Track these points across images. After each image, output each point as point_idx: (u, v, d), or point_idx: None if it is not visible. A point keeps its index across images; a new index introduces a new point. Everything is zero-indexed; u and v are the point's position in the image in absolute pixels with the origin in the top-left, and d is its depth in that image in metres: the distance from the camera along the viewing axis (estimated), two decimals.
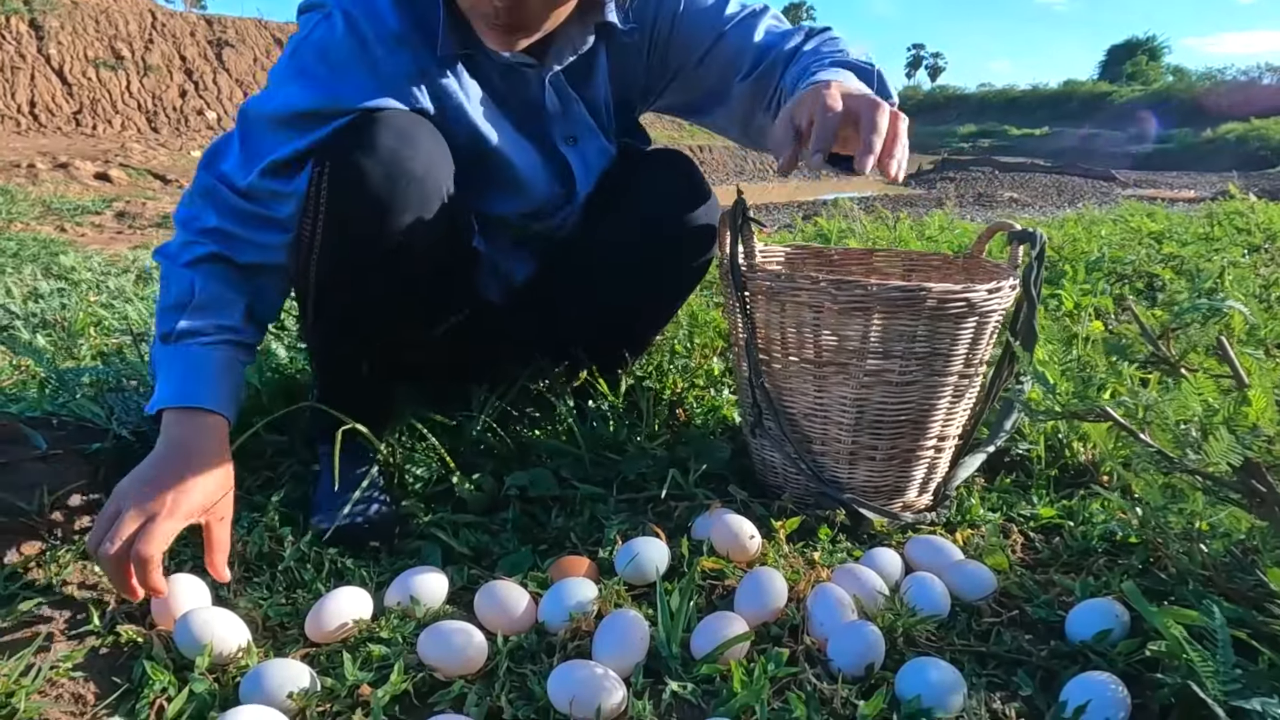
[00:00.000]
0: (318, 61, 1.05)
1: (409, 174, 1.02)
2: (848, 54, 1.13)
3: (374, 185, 1.00)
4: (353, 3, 1.06)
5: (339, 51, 1.04)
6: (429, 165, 1.05)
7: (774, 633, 0.92)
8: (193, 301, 1.03)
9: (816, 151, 0.90)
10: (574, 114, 1.21)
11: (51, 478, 1.10)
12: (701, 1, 1.21)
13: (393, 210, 1.02)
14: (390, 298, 1.11)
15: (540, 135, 1.21)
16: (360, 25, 1.04)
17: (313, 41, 1.05)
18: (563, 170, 1.24)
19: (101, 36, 14.85)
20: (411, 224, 1.04)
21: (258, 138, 1.05)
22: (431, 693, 0.83)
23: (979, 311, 1.12)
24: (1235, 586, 0.91)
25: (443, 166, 1.07)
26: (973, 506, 1.22)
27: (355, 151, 1.00)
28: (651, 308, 1.44)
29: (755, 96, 1.21)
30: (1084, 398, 0.89)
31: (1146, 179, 19.05)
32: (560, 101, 1.20)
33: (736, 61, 1.20)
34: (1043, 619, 0.96)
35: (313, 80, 1.04)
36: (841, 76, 1.00)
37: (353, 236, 1.04)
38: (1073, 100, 43.49)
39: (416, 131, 1.04)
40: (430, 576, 0.97)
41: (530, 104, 1.19)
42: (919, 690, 0.79)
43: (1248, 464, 0.79)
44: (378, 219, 1.02)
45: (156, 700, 0.80)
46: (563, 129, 1.22)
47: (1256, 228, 3.47)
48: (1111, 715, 0.76)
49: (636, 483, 1.26)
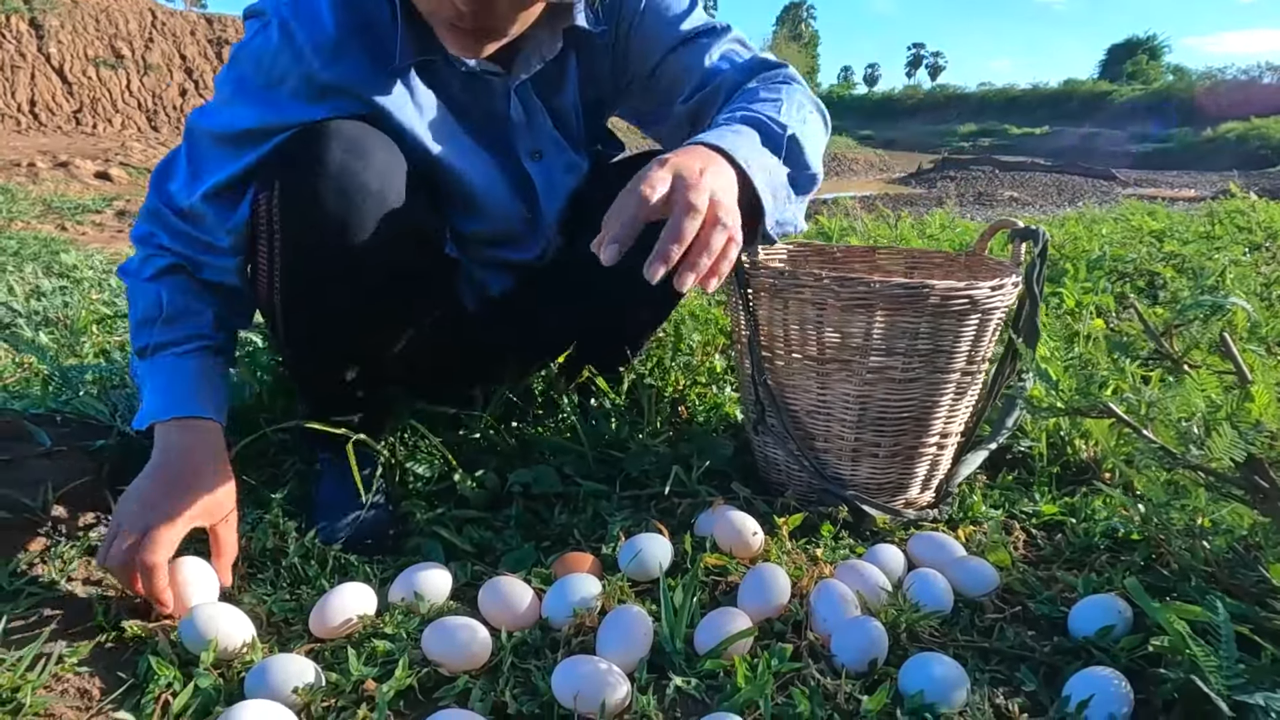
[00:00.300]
0: (254, 72, 1.01)
1: (363, 188, 0.97)
2: (780, 105, 1.03)
3: (327, 203, 0.96)
4: (291, 10, 0.99)
5: (274, 63, 0.99)
6: (384, 175, 0.99)
7: (777, 629, 0.93)
8: (161, 315, 1.03)
9: (611, 243, 0.78)
10: (540, 127, 1.15)
11: (55, 474, 1.10)
12: (664, 8, 1.14)
13: (350, 227, 0.97)
14: (359, 312, 1.06)
15: (503, 149, 1.15)
16: (296, 35, 0.98)
17: (250, 51, 1.01)
18: (525, 186, 1.18)
19: (101, 35, 14.85)
20: (372, 238, 0.99)
21: (201, 156, 1.03)
22: (436, 688, 0.84)
23: (982, 309, 1.12)
24: (1238, 582, 0.91)
25: (399, 175, 1.02)
26: (975, 503, 1.22)
27: (304, 169, 0.96)
28: (635, 322, 1.41)
29: (693, 124, 1.14)
30: (1086, 394, 0.89)
31: (1147, 178, 19.05)
32: (526, 113, 1.13)
33: (682, 81, 1.14)
34: (1045, 615, 0.96)
35: (250, 94, 1.01)
36: (729, 142, 0.90)
37: (312, 257, 1.00)
38: (1073, 99, 43.48)
39: (367, 141, 0.99)
40: (434, 572, 0.98)
41: (493, 115, 1.12)
42: (922, 685, 0.79)
43: (1250, 460, 0.79)
44: (336, 236, 0.97)
45: (162, 695, 0.80)
46: (527, 143, 1.15)
47: (1257, 226, 3.47)
48: (1114, 710, 0.77)
49: (639, 480, 1.27)
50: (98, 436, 1.18)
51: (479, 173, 1.13)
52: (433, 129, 1.07)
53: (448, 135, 1.09)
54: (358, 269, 1.00)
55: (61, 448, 1.15)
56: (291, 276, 1.01)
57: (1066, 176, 17.63)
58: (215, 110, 1.03)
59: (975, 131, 39.38)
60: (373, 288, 1.04)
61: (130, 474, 1.10)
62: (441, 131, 1.08)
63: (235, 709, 0.73)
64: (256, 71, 1.00)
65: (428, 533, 1.11)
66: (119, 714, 0.78)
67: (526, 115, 1.13)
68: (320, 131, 0.97)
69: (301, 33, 0.97)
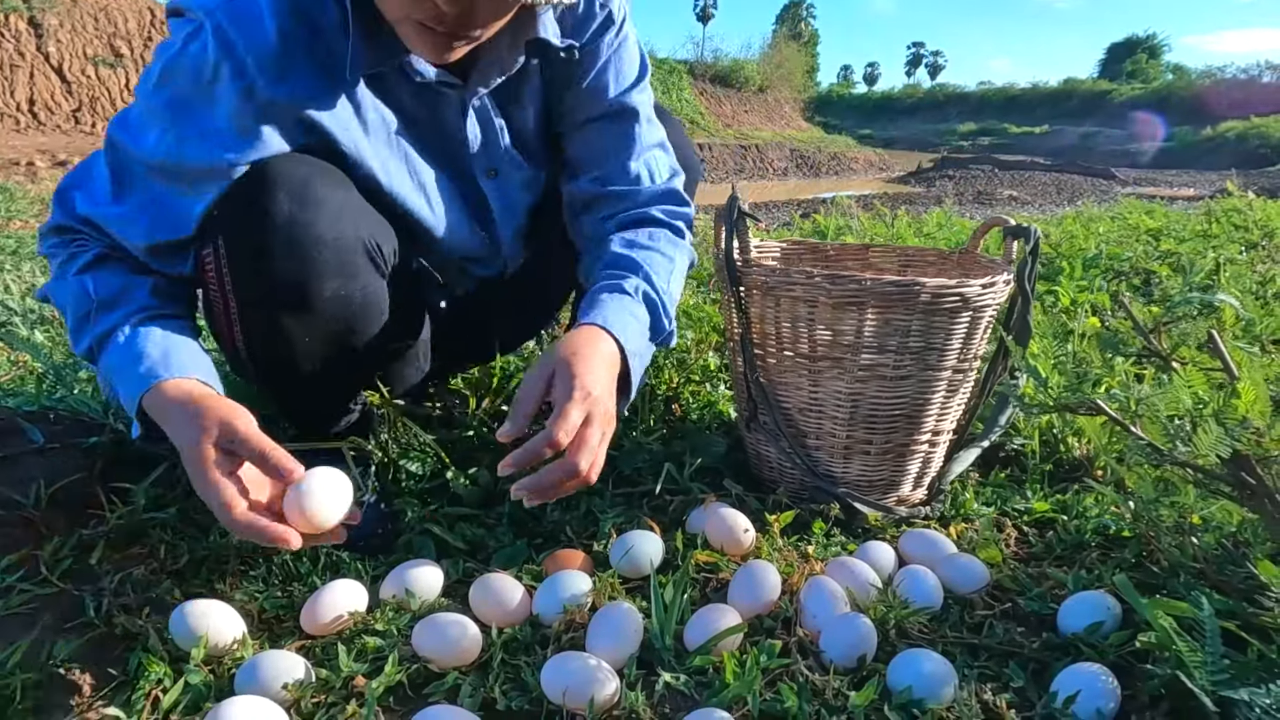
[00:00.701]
0: (190, 89, 0.88)
1: (317, 240, 0.91)
2: (671, 272, 1.08)
3: (280, 261, 0.90)
4: (227, 15, 0.86)
5: (213, 77, 0.87)
6: (336, 219, 0.93)
7: (767, 625, 0.93)
8: (94, 304, 0.91)
9: (522, 489, 0.84)
10: (496, 144, 1.08)
11: (48, 471, 1.10)
12: (622, 66, 1.11)
13: (308, 280, 0.92)
14: (325, 351, 1.00)
15: (456, 167, 1.08)
16: (235, 48, 0.86)
17: (185, 64, 0.88)
18: (480, 206, 1.12)
19: (100, 34, 14.83)
20: (331, 283, 0.94)
21: (131, 183, 0.93)
22: (426, 684, 0.84)
23: (973, 306, 1.13)
24: (1226, 579, 0.92)
25: (352, 211, 0.96)
26: (967, 501, 1.22)
27: (251, 226, 0.90)
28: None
29: (586, 206, 1.14)
30: (1076, 391, 0.89)
31: (1146, 177, 19.04)
32: (482, 129, 1.06)
33: (598, 159, 1.12)
34: (1035, 611, 0.96)
35: (184, 118, 0.89)
36: (629, 338, 0.97)
37: (272, 311, 0.95)
38: (1072, 98, 43.46)
39: (314, 183, 0.92)
40: (425, 570, 0.98)
41: (446, 131, 1.05)
42: (910, 681, 0.80)
43: (1237, 457, 0.79)
44: (293, 292, 0.92)
45: (152, 691, 0.80)
46: (482, 161, 1.08)
47: (1254, 225, 3.48)
48: (1101, 705, 0.77)
49: (632, 477, 1.27)
50: (91, 434, 1.18)
51: (431, 200, 1.06)
52: (382, 152, 1.00)
53: (399, 158, 1.02)
54: (320, 315, 0.95)
55: (55, 445, 1.16)
56: (250, 326, 0.97)
57: (1066, 175, 17.63)
58: (143, 132, 0.91)
59: (975, 130, 39.36)
60: (338, 329, 0.98)
61: (123, 472, 1.12)
62: (393, 155, 1.02)
63: (224, 705, 0.73)
64: (193, 88, 0.88)
65: (420, 530, 1.12)
66: (109, 710, 0.78)
67: (482, 132, 1.06)
68: (264, 180, 0.90)
69: (241, 42, 0.86)
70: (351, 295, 0.97)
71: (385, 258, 1.01)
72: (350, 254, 0.95)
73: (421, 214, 1.06)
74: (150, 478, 1.10)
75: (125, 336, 0.90)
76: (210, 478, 0.80)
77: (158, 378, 0.87)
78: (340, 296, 0.96)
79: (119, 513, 1.06)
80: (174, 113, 0.89)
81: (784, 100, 32.91)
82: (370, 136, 0.98)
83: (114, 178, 0.93)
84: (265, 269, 0.92)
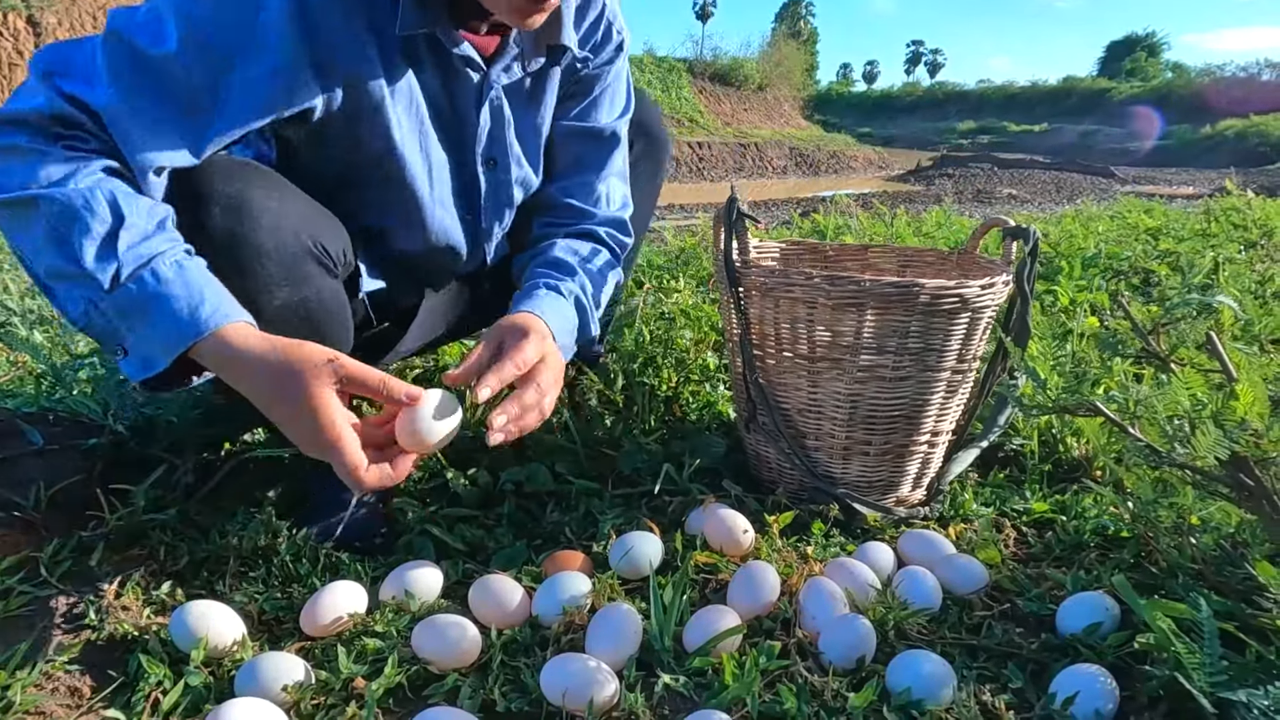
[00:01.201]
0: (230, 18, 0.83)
1: (256, 251, 0.89)
2: (603, 289, 1.16)
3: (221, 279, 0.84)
4: None
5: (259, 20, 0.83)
6: (275, 229, 0.91)
7: (766, 626, 0.93)
8: (126, 222, 0.78)
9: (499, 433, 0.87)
10: (501, 136, 1.08)
11: (47, 473, 1.10)
12: (616, 92, 1.18)
13: (256, 293, 0.89)
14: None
15: (460, 151, 1.08)
16: None
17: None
18: (471, 194, 1.12)
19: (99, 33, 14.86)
20: (280, 291, 0.92)
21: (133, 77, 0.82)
22: (425, 685, 0.84)
23: (972, 307, 1.13)
24: (1225, 580, 0.92)
25: (293, 218, 0.93)
26: (966, 501, 1.22)
27: (191, 242, 0.84)
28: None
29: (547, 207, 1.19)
30: (1075, 392, 0.89)
31: (1145, 175, 19.04)
32: (492, 118, 1.07)
33: (569, 169, 1.18)
34: (1034, 612, 0.96)
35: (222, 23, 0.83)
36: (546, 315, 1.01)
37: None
38: (1072, 96, 43.47)
39: (250, 193, 0.89)
40: (425, 571, 0.98)
41: (459, 113, 1.05)
42: (909, 682, 0.80)
43: (1235, 458, 0.79)
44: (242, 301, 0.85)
45: (152, 693, 0.80)
46: (486, 148, 1.08)
47: (1253, 224, 3.48)
48: (1100, 706, 0.77)
49: (631, 478, 1.27)
50: (90, 435, 1.18)
51: (433, 175, 1.06)
52: (402, 117, 0.99)
53: (414, 128, 1.01)
54: (275, 326, 0.89)
55: (54, 446, 1.15)
56: None
57: (1065, 174, 17.63)
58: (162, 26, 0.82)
59: (974, 129, 39.38)
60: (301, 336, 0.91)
61: (122, 474, 1.12)
62: (409, 122, 1.00)
63: (224, 707, 0.73)
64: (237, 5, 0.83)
65: (419, 531, 1.12)
66: (109, 712, 0.78)
67: (492, 121, 1.07)
68: (198, 195, 0.86)
69: None
70: (306, 300, 0.95)
71: (335, 258, 0.99)
72: (295, 261, 0.93)
73: (419, 188, 1.05)
74: (150, 479, 1.10)
75: (175, 266, 0.79)
76: (338, 432, 0.76)
77: (232, 318, 0.79)
78: (291, 304, 0.93)
79: (118, 514, 1.06)
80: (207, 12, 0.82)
81: (783, 98, 32.90)
82: (395, 99, 0.97)
83: (113, 69, 0.81)
84: None
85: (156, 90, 0.82)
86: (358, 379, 0.79)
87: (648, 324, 1.64)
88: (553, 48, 1.06)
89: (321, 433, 0.77)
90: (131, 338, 0.80)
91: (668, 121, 6.40)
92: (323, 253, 0.97)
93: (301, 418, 0.77)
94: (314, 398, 0.77)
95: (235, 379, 0.80)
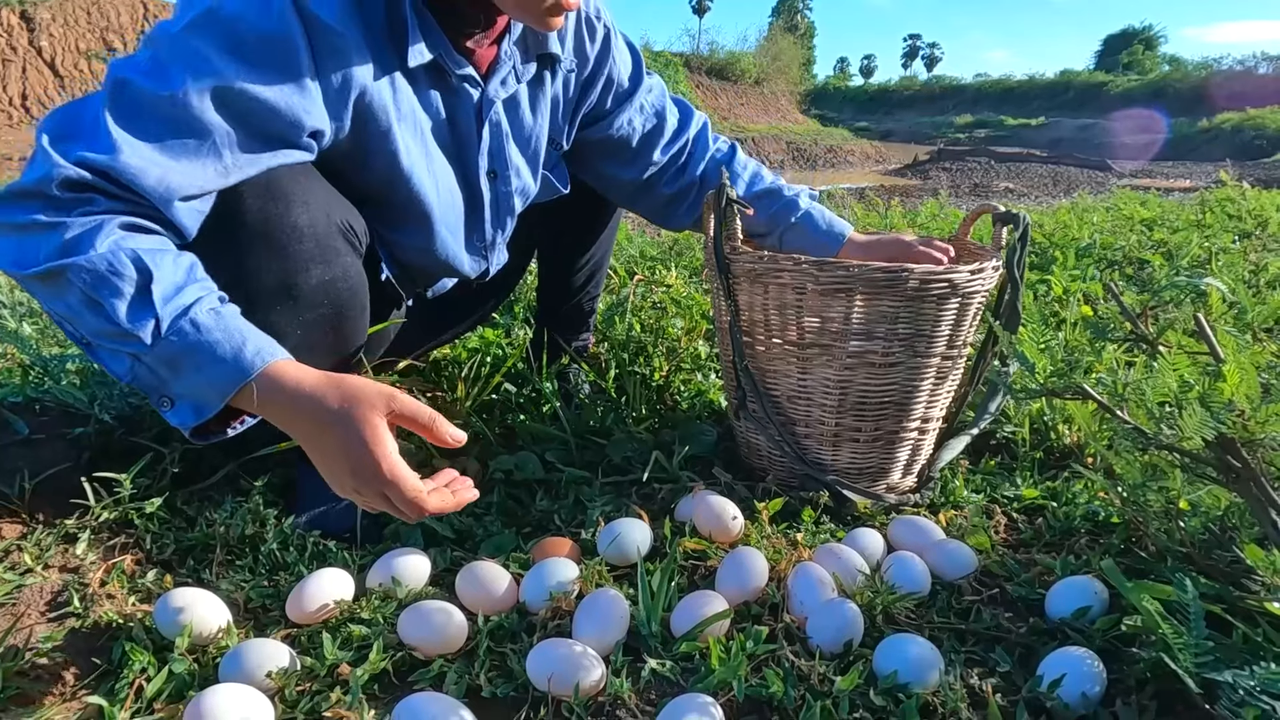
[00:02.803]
0: (241, 38, 0.82)
1: (292, 229, 0.91)
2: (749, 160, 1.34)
3: (260, 260, 0.88)
4: None
5: (272, 36, 0.84)
6: (307, 207, 0.92)
7: (754, 611, 0.93)
8: (154, 277, 0.77)
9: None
10: (500, 148, 1.11)
11: (33, 462, 1.10)
12: (621, 62, 1.24)
13: (294, 271, 0.91)
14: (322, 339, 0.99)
15: (463, 166, 1.10)
16: (304, 9, 0.85)
17: (238, 11, 0.83)
18: (476, 207, 1.14)
19: (93, 28, 14.75)
20: (319, 273, 0.94)
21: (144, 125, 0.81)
22: (411, 671, 0.84)
23: (961, 293, 1.12)
24: (1213, 563, 0.92)
25: (320, 197, 0.95)
26: (957, 488, 1.22)
27: (223, 233, 0.87)
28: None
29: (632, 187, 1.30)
30: (1064, 376, 0.89)
31: (1142, 169, 19.02)
32: (491, 131, 1.09)
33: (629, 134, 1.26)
34: (1023, 597, 0.96)
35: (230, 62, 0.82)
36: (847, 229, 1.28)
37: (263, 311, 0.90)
38: (1069, 90, 43.41)
39: (275, 175, 0.90)
40: (412, 558, 0.98)
41: (460, 129, 1.07)
42: (896, 666, 0.79)
43: (1223, 440, 0.79)
44: (282, 288, 0.90)
45: (136, 680, 0.80)
46: (486, 162, 1.11)
47: (1247, 214, 3.47)
48: (1087, 689, 0.77)
49: (621, 466, 1.27)
50: (77, 424, 1.18)
51: (440, 191, 1.07)
52: (410, 139, 1.01)
53: (421, 147, 1.03)
54: (309, 304, 0.94)
55: (40, 436, 1.15)
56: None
57: (1062, 167, 17.61)
58: (168, 69, 0.81)
59: (971, 123, 39.34)
60: (326, 315, 0.97)
61: (109, 463, 1.11)
62: (416, 142, 1.02)
63: (208, 692, 0.73)
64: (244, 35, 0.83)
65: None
66: (93, 699, 0.78)
67: (491, 135, 1.09)
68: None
69: (309, 6, 0.85)
70: (335, 279, 0.97)
71: (359, 237, 1.01)
72: (327, 238, 0.95)
73: (428, 207, 1.07)
74: (135, 468, 1.10)
75: (212, 313, 0.79)
76: (395, 463, 0.77)
77: (277, 356, 0.80)
78: (325, 282, 0.96)
79: (104, 503, 1.05)
80: (218, 51, 0.82)
81: (780, 93, 32.82)
82: (403, 122, 0.99)
83: (124, 123, 0.80)
84: (248, 270, 0.89)
85: (166, 127, 0.81)
86: (409, 414, 0.80)
87: (639, 313, 1.64)
88: (542, 56, 1.10)
89: (380, 464, 0.77)
90: (178, 387, 0.80)
91: None
92: (349, 229, 0.99)
93: (358, 450, 0.77)
94: (372, 428, 0.77)
95: (284, 415, 0.80)
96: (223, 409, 0.80)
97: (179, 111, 0.81)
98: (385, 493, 0.78)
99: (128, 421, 1.21)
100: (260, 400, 0.79)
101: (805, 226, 1.29)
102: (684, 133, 1.31)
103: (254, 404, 0.79)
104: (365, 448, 0.77)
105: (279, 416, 0.80)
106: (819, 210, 1.30)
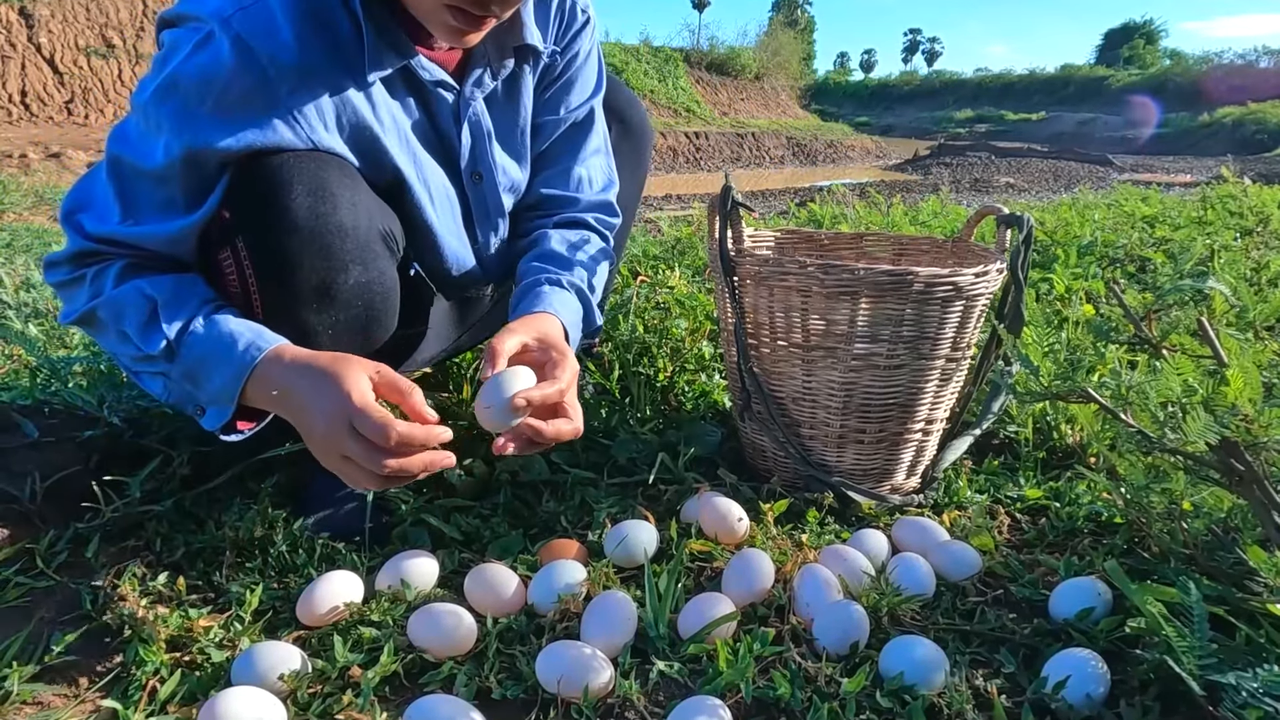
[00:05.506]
0: (201, 100, 0.86)
1: (338, 228, 0.92)
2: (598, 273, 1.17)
3: (304, 255, 0.90)
4: (242, 21, 0.85)
5: (230, 89, 0.86)
6: (353, 208, 0.94)
7: (760, 613, 0.93)
8: (156, 303, 0.88)
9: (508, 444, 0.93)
10: (484, 149, 1.09)
11: (43, 465, 1.10)
12: (588, 73, 1.18)
13: (334, 270, 0.93)
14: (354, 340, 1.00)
15: (450, 170, 1.09)
16: (257, 54, 0.85)
17: (193, 73, 0.85)
18: (466, 210, 1.13)
19: (92, 25, 14.72)
20: (357, 274, 0.95)
21: (136, 194, 0.91)
22: (421, 673, 0.84)
23: (966, 295, 1.13)
24: (1216, 564, 0.92)
25: (365, 201, 0.97)
26: (960, 488, 1.23)
27: (270, 225, 0.89)
28: None
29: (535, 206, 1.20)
30: (1069, 379, 0.90)
31: (1143, 163, 19.02)
32: (471, 133, 1.08)
33: (550, 162, 1.18)
34: (1027, 598, 0.97)
35: (197, 125, 0.86)
36: (559, 311, 1.05)
37: (300, 307, 0.94)
38: (1070, 85, 43.37)
39: (326, 174, 0.92)
40: (420, 560, 0.98)
41: (441, 133, 1.06)
42: (902, 667, 0.80)
43: (1226, 443, 0.80)
44: (321, 285, 0.92)
45: (149, 682, 0.80)
46: (469, 164, 1.10)
47: (1249, 211, 3.47)
48: (1091, 690, 0.78)
49: (627, 467, 1.27)
50: (85, 427, 1.18)
51: (435, 199, 1.07)
52: (397, 150, 1.01)
53: (409, 157, 1.03)
54: (344, 305, 0.96)
55: (49, 438, 1.15)
56: (276, 325, 0.93)
57: (1063, 162, 17.61)
58: (149, 145, 0.88)
59: (972, 117, 39.31)
60: (360, 316, 0.99)
61: (118, 465, 1.12)
62: (404, 153, 1.02)
63: (222, 695, 0.74)
64: (204, 97, 0.86)
65: (415, 521, 1.12)
66: (106, 701, 0.79)
67: (472, 136, 1.08)
68: (278, 176, 0.89)
69: (262, 50, 0.86)
70: (371, 282, 0.97)
71: (397, 244, 1.03)
72: (369, 241, 0.96)
73: (427, 214, 1.07)
74: (145, 470, 1.10)
75: (205, 325, 0.88)
76: (367, 394, 0.82)
77: (268, 345, 0.88)
78: (361, 284, 0.96)
79: (114, 506, 1.06)
80: (184, 118, 0.86)
81: (780, 88, 32.77)
82: (387, 135, 1.00)
83: (120, 194, 0.91)
84: (291, 263, 0.91)
85: (156, 194, 0.91)
86: (390, 381, 0.86)
87: (643, 314, 1.65)
88: (519, 48, 1.07)
89: (350, 393, 0.81)
90: (201, 395, 0.91)
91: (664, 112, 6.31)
92: (389, 234, 1.01)
93: (334, 390, 0.82)
94: (354, 376, 0.83)
95: (284, 395, 0.86)
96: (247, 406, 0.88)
97: (163, 183, 0.90)
98: (354, 425, 0.81)
99: (136, 424, 1.21)
100: (265, 389, 0.86)
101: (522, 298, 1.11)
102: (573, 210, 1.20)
103: (265, 393, 0.87)
104: (341, 387, 0.82)
105: (281, 400, 0.86)
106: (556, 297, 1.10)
